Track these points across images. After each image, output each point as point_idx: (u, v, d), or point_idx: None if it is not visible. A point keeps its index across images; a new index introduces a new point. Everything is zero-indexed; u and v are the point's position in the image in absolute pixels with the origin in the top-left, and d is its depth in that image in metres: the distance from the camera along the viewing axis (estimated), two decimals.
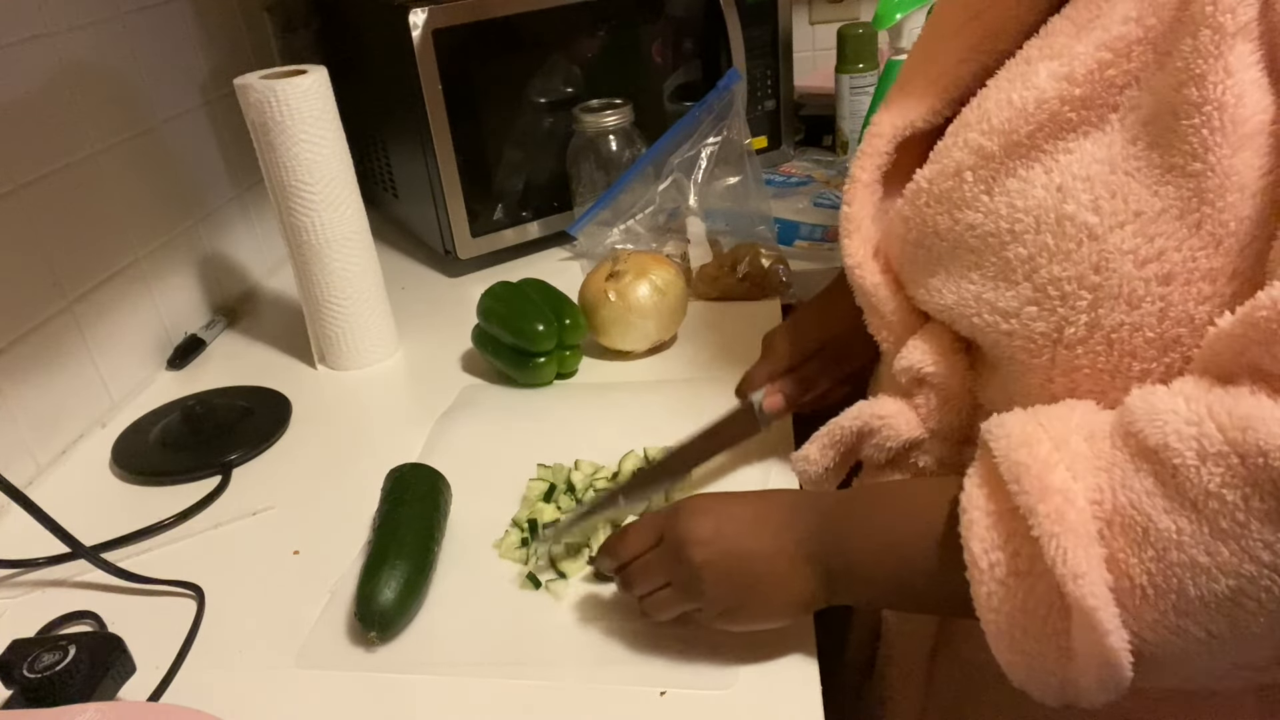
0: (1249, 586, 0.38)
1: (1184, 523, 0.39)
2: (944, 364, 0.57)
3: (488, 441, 0.82)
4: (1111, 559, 0.41)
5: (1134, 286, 0.45)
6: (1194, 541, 0.39)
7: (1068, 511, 0.42)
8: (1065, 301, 0.47)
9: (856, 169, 0.62)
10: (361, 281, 0.95)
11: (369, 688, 0.59)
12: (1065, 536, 0.41)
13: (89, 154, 0.92)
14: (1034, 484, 0.43)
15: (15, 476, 0.70)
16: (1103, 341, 0.46)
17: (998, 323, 0.51)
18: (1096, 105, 0.46)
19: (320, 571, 0.69)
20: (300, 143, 0.87)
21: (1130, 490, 0.41)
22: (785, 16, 1.25)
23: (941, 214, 0.54)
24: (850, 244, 0.62)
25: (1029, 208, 0.48)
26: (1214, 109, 0.41)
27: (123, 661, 0.58)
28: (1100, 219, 0.45)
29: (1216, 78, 0.41)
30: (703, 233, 1.05)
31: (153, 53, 1.02)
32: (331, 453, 0.85)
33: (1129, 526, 0.41)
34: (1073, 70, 0.47)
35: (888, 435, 0.60)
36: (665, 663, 0.58)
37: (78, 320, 0.89)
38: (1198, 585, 0.39)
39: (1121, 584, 0.41)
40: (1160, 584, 0.40)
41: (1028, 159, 0.49)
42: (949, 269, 0.54)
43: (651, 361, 0.93)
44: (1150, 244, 0.44)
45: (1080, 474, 0.43)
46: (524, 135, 1.12)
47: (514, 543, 0.68)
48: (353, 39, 1.21)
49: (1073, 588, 0.41)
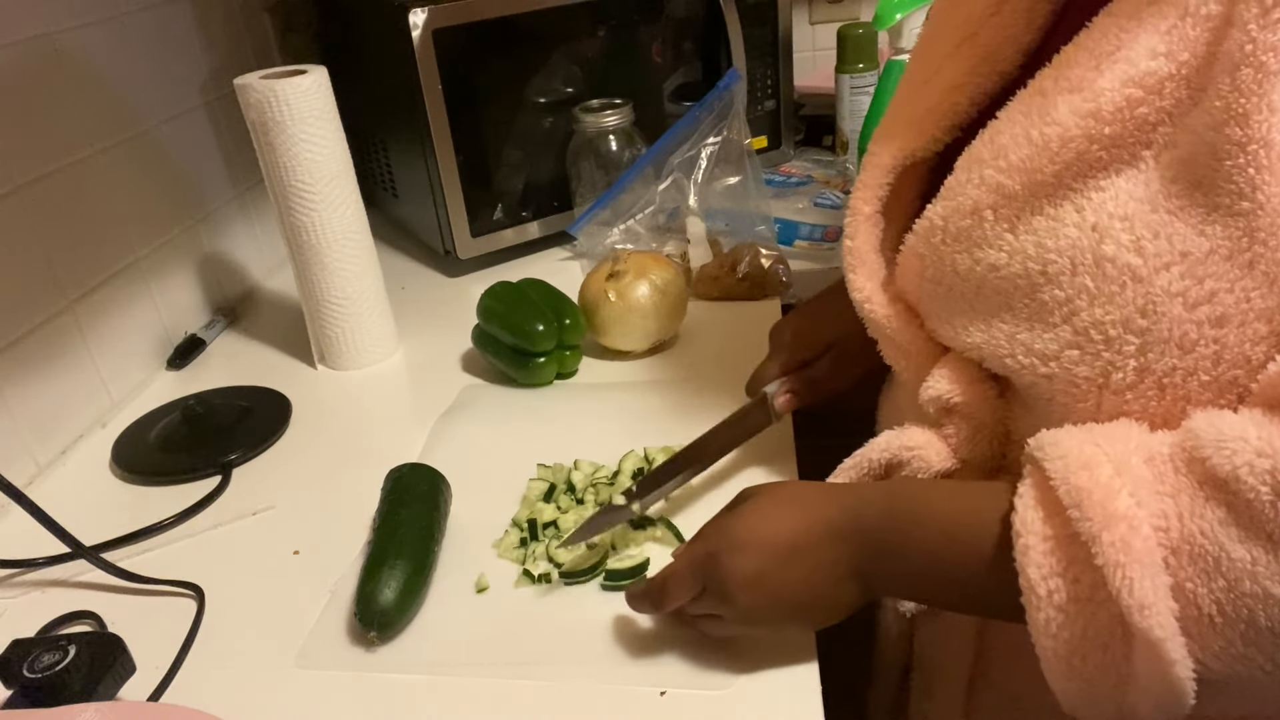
0: None
1: (1259, 553, 0.39)
2: (973, 393, 0.55)
3: (488, 441, 0.82)
4: (1178, 587, 0.41)
5: (1185, 330, 0.43)
6: (1269, 573, 0.39)
7: (1133, 540, 0.41)
8: (1110, 346, 0.45)
9: (858, 201, 0.60)
10: (361, 281, 0.95)
11: (369, 688, 0.59)
12: (1131, 566, 0.40)
13: (89, 154, 0.92)
14: (1097, 511, 0.42)
15: (15, 476, 0.70)
16: (1154, 386, 0.45)
17: (1035, 365, 0.49)
18: (1128, 143, 0.45)
19: (320, 571, 0.69)
20: (300, 143, 0.87)
21: (1201, 519, 0.40)
22: (785, 16, 1.25)
23: (960, 253, 0.51)
24: (856, 279, 0.60)
25: (1061, 248, 0.46)
26: (1259, 147, 0.40)
27: (123, 661, 0.58)
28: (1144, 260, 0.43)
29: (1261, 116, 0.40)
30: (703, 233, 1.05)
31: (153, 53, 1.02)
32: (331, 453, 0.85)
33: (1198, 555, 0.40)
34: (1099, 107, 0.45)
35: (918, 467, 0.58)
36: (665, 663, 0.58)
37: (78, 320, 0.89)
38: (1269, 616, 0.39)
39: (1189, 612, 0.40)
40: (1230, 613, 0.40)
41: (1055, 197, 0.47)
42: (975, 308, 0.52)
43: (651, 361, 0.93)
44: (1200, 285, 0.42)
45: (1144, 500, 0.41)
46: (524, 135, 1.12)
47: (513, 542, 0.68)
48: (353, 39, 1.21)
49: (1139, 619, 0.40)
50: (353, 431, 0.88)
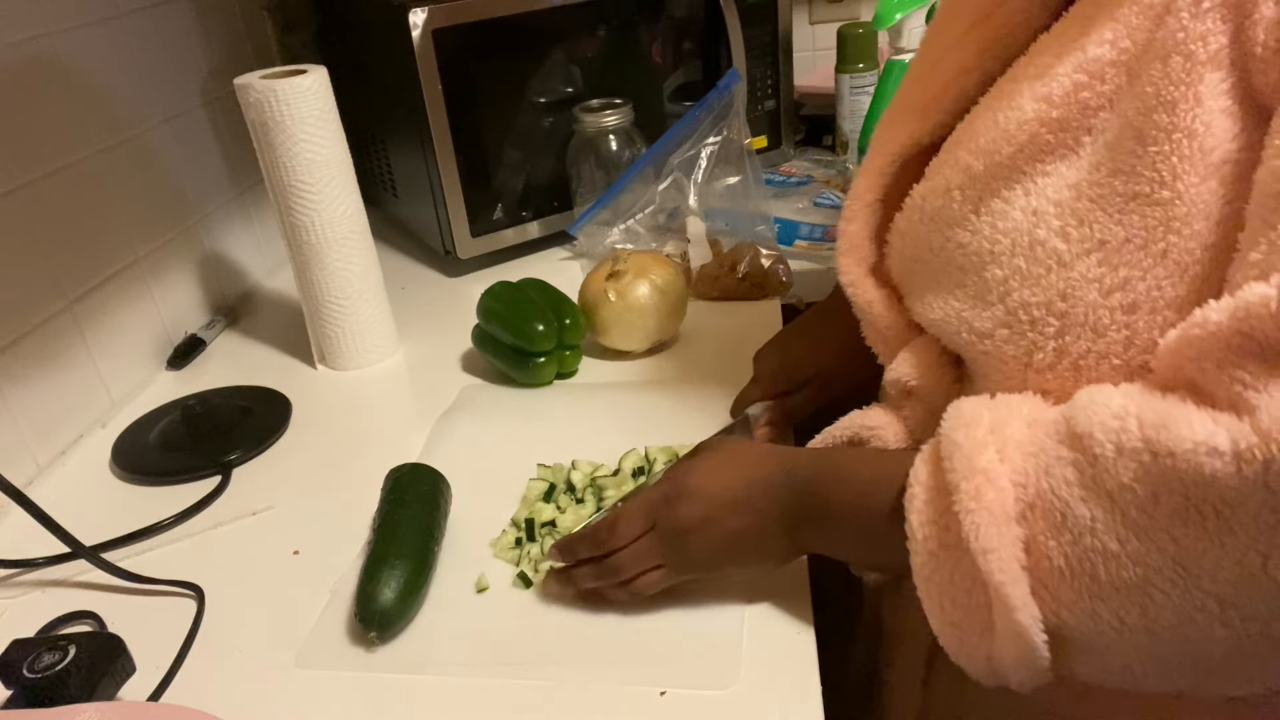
0: (1155, 577, 0.40)
1: (1098, 511, 0.41)
2: (930, 377, 0.58)
3: (488, 441, 0.82)
4: (1032, 540, 0.43)
5: (1099, 315, 0.45)
6: (1106, 529, 0.41)
7: (986, 491, 0.43)
8: (1034, 327, 0.47)
9: (861, 187, 0.62)
10: (361, 281, 0.95)
11: (369, 688, 0.59)
12: (980, 514, 0.43)
13: (89, 154, 0.92)
14: (962, 462, 0.45)
15: (15, 476, 0.70)
16: (1070, 368, 0.47)
17: (974, 343, 0.51)
18: (1072, 128, 0.46)
19: (320, 571, 0.69)
20: (300, 143, 0.87)
21: (1051, 477, 0.42)
22: (785, 16, 1.25)
23: (934, 231, 0.54)
24: (846, 262, 0.62)
25: (1007, 230, 0.48)
26: (1183, 136, 0.41)
27: (123, 661, 0.58)
28: (1068, 246, 0.46)
29: (1187, 105, 0.41)
30: (703, 233, 1.05)
31: (153, 53, 1.02)
32: (331, 453, 0.85)
33: (1049, 510, 0.42)
34: (1051, 91, 0.47)
35: (876, 445, 0.62)
36: (665, 663, 0.58)
37: (78, 320, 0.89)
38: (1108, 571, 0.41)
39: (1041, 564, 0.43)
40: (1075, 566, 0.42)
41: (1009, 180, 0.49)
42: (938, 285, 0.54)
43: (651, 361, 0.93)
44: (1115, 273, 0.44)
45: (1009, 457, 0.44)
46: (524, 135, 1.12)
47: (508, 543, 0.68)
48: (353, 39, 1.21)
49: (982, 562, 0.43)
50: (353, 431, 0.88)
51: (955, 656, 0.48)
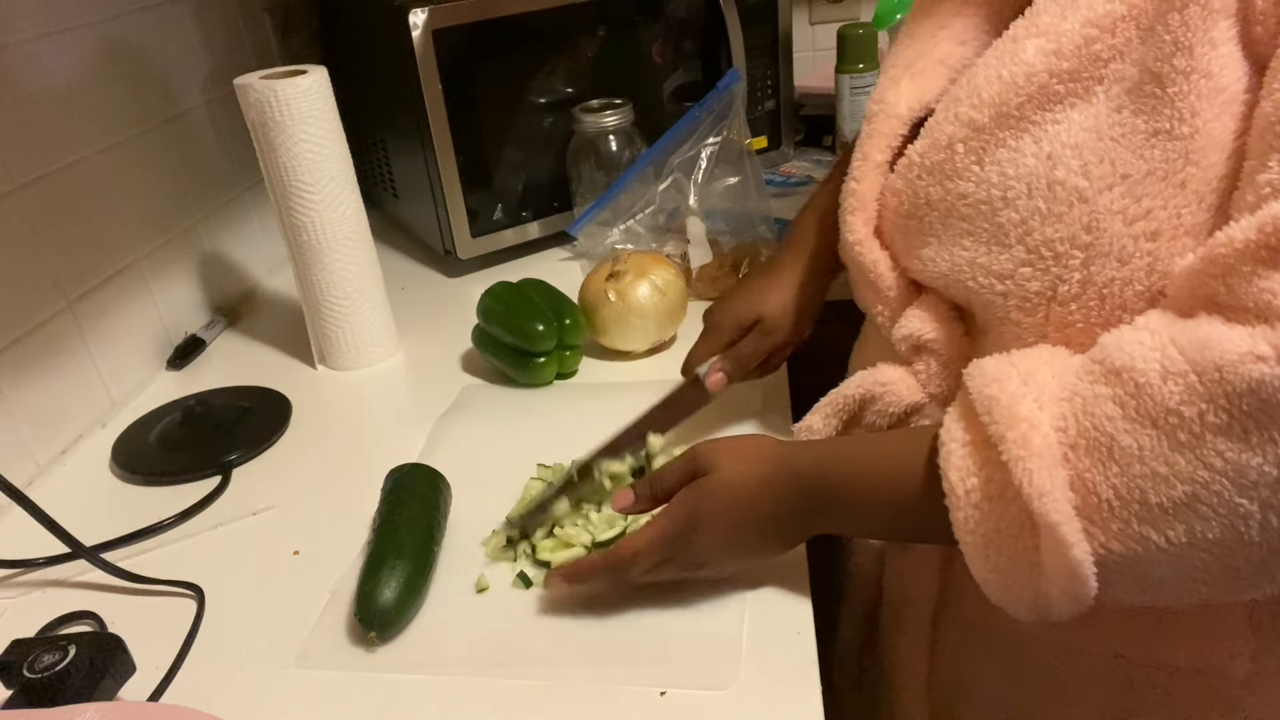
0: (1203, 492, 0.42)
1: (1145, 439, 0.43)
2: (943, 330, 0.60)
3: (488, 441, 0.82)
4: (1077, 478, 0.45)
5: (1124, 244, 0.48)
6: (1154, 455, 0.43)
7: (1033, 436, 0.45)
8: (1059, 261, 0.50)
9: (869, 148, 0.63)
10: (361, 281, 0.95)
11: (369, 688, 0.59)
12: (1030, 459, 0.45)
13: (89, 154, 0.92)
14: (1003, 414, 0.47)
15: (15, 476, 0.70)
16: (1095, 296, 0.50)
17: (993, 284, 0.54)
18: (1083, 78, 0.49)
19: (320, 571, 0.69)
20: (300, 143, 0.87)
21: (1092, 416, 0.45)
22: (785, 16, 1.25)
23: (933, 185, 0.56)
24: (853, 220, 0.64)
25: (1020, 175, 0.51)
26: (1200, 77, 0.45)
27: (123, 661, 0.58)
28: (1090, 183, 0.49)
29: (1203, 49, 0.45)
30: (703, 233, 1.05)
31: (153, 53, 1.02)
32: (331, 453, 0.85)
33: (1093, 447, 0.44)
34: (1060, 46, 0.50)
35: (890, 401, 0.63)
36: (665, 663, 0.58)
37: (78, 320, 0.89)
38: (1158, 493, 0.43)
39: (1089, 501, 0.45)
40: (1125, 495, 0.44)
41: (1018, 129, 0.52)
42: (941, 238, 0.57)
43: (651, 361, 0.93)
44: (1138, 204, 0.47)
45: (1045, 404, 0.46)
46: (524, 135, 1.12)
47: (500, 543, 0.68)
48: (353, 39, 1.21)
49: (1038, 505, 0.45)
50: (353, 431, 0.88)
51: (998, 600, 0.50)
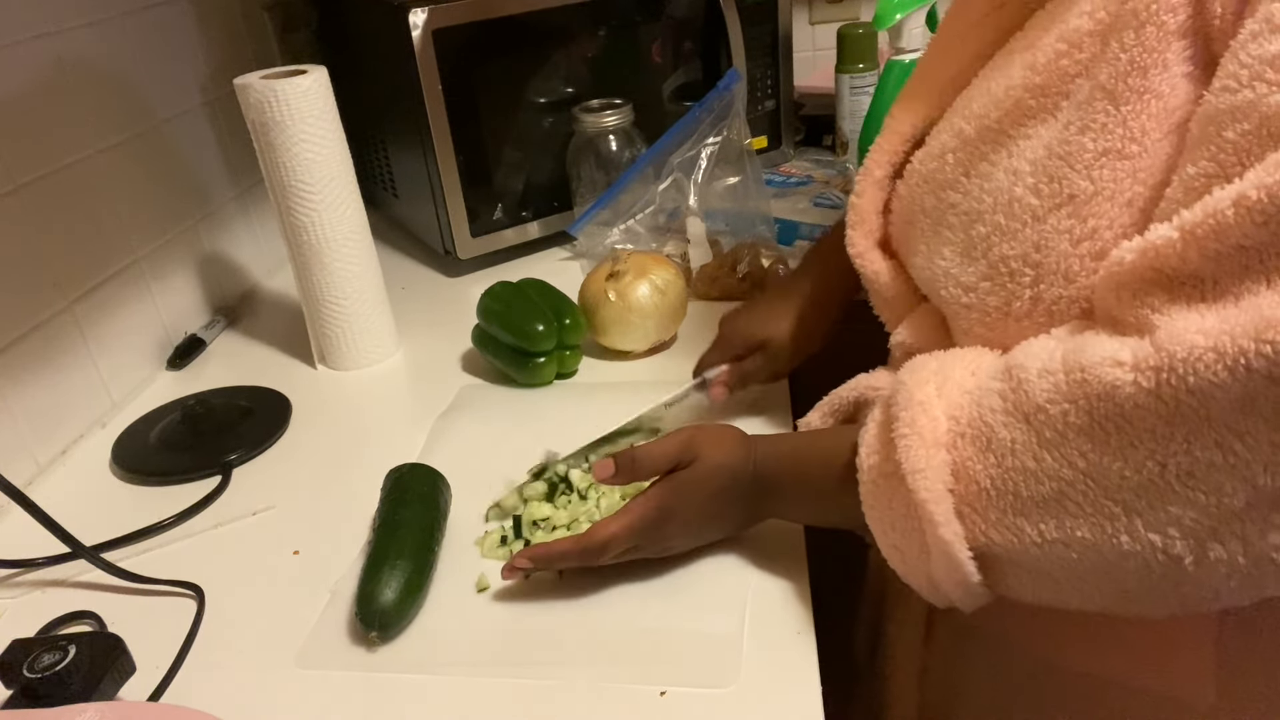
0: (1069, 490, 0.44)
1: (1018, 434, 0.45)
2: (931, 339, 0.61)
3: (488, 441, 0.82)
4: (960, 465, 0.47)
5: (1070, 263, 0.49)
6: (1024, 449, 0.45)
7: (920, 418, 0.49)
8: (1013, 278, 0.51)
9: (871, 163, 0.65)
10: (361, 281, 0.95)
11: (369, 688, 0.59)
12: (911, 439, 0.48)
13: (89, 154, 0.92)
14: (904, 396, 0.50)
15: (15, 476, 0.70)
16: (1044, 314, 0.50)
17: (959, 296, 0.55)
18: (1051, 93, 0.50)
19: (320, 571, 0.69)
20: (300, 143, 0.87)
21: (981, 407, 0.47)
22: (785, 16, 1.25)
23: (928, 193, 0.58)
24: (855, 235, 0.66)
25: (990, 189, 0.52)
26: (1153, 97, 0.46)
27: (123, 661, 0.58)
28: (1040, 201, 0.49)
29: (1158, 70, 0.45)
30: (703, 233, 1.05)
31: (153, 53, 1.02)
32: (331, 453, 0.85)
33: (977, 437, 0.47)
34: (1035, 60, 0.51)
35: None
36: (665, 663, 0.58)
37: (78, 320, 0.89)
38: (1028, 488, 0.45)
39: (970, 488, 0.47)
40: (1000, 486, 0.46)
41: (996, 143, 0.53)
42: (930, 245, 0.58)
43: (651, 361, 0.93)
44: (1084, 224, 0.48)
45: (947, 394, 0.49)
46: (524, 135, 1.12)
47: (494, 542, 0.69)
48: (353, 39, 1.21)
49: (910, 482, 0.48)
50: (353, 431, 0.88)
51: (904, 578, 0.53)
